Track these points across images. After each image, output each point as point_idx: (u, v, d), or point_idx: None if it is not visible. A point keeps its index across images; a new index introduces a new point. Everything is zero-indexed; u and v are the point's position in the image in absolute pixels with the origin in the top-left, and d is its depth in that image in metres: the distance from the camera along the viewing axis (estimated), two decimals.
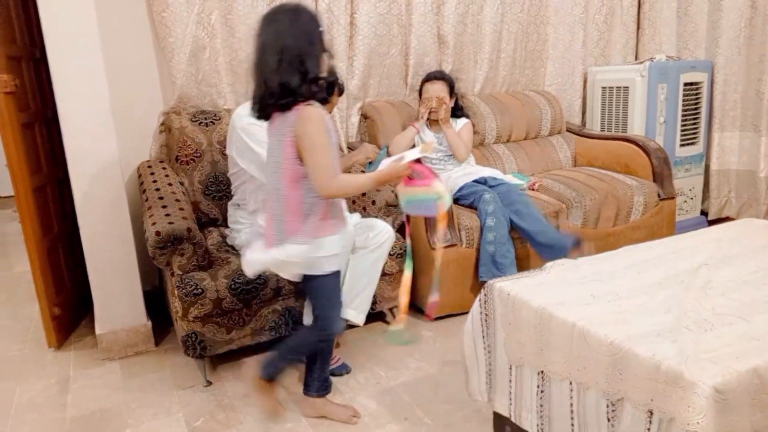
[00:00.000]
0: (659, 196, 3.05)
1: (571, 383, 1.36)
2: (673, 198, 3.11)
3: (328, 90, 1.60)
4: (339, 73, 2.34)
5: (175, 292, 1.99)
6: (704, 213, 3.70)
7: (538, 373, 1.46)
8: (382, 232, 2.19)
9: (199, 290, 1.99)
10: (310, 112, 1.55)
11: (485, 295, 1.61)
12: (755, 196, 3.43)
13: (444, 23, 3.12)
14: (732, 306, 1.36)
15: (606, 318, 1.33)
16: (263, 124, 2.09)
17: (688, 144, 3.49)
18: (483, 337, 1.64)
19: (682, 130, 3.44)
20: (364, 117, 3.03)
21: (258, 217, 2.22)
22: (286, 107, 1.55)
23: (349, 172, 2.34)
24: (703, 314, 1.32)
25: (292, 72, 1.51)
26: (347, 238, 2.02)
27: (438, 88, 2.77)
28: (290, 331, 2.21)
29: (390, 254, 2.27)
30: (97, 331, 2.32)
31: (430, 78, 2.84)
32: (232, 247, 2.35)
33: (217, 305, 2.02)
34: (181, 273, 2.01)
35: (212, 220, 2.54)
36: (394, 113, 2.97)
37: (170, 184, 2.31)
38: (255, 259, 1.71)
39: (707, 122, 3.56)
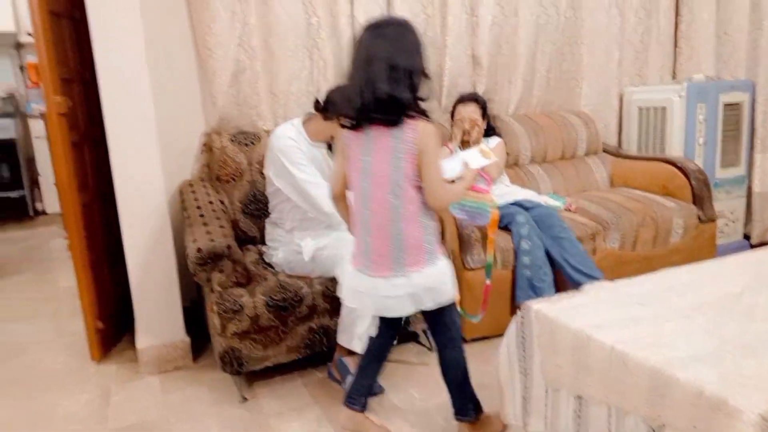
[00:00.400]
0: (699, 218, 2.98)
1: (609, 408, 1.34)
2: (713, 221, 3.04)
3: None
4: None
5: (214, 308, 2.03)
6: (747, 237, 3.60)
7: (576, 397, 1.45)
8: None
9: (238, 306, 2.03)
10: (429, 127, 1.55)
11: (522, 317, 1.60)
12: None
13: (479, 45, 3.15)
14: None
15: (646, 341, 1.31)
16: (301, 145, 2.14)
17: (729, 165, 3.42)
18: (519, 359, 1.63)
19: (723, 152, 3.38)
20: None
21: (294, 236, 2.27)
22: (394, 122, 1.53)
23: None
24: (746, 339, 1.29)
25: (403, 86, 1.49)
26: None
27: (471, 110, 2.78)
28: (324, 349, 2.23)
29: None
30: (138, 345, 2.38)
31: (462, 100, 2.85)
32: (269, 265, 2.39)
33: (254, 322, 2.06)
34: (220, 289, 2.06)
35: (251, 238, 2.59)
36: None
37: (211, 203, 2.38)
38: (397, 295, 1.61)
39: (749, 143, 3.49)
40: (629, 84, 3.61)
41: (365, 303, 1.68)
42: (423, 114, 1.55)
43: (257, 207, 2.60)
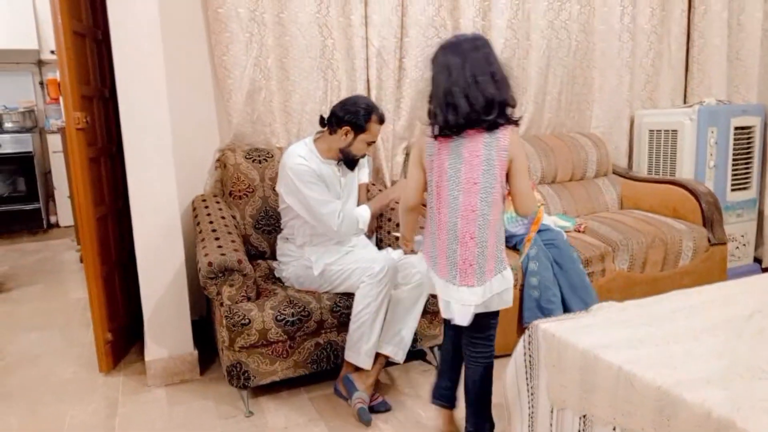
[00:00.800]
0: (709, 241, 2.97)
1: (614, 429, 1.34)
2: (724, 243, 3.03)
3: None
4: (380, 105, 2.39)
5: (224, 321, 2.05)
6: (758, 260, 3.57)
7: (581, 418, 1.44)
8: (417, 274, 2.20)
9: (246, 320, 2.04)
10: (517, 134, 1.64)
11: (530, 336, 1.60)
12: None
13: None
14: None
15: (653, 362, 1.31)
16: (311, 164, 2.18)
17: (740, 189, 3.41)
18: (526, 378, 1.63)
19: (734, 175, 3.37)
20: (408, 156, 3.10)
21: (305, 251, 2.29)
22: (497, 125, 1.60)
23: (385, 209, 2.42)
24: (756, 362, 1.28)
25: (504, 91, 1.60)
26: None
27: None
28: (331, 365, 2.24)
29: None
30: (147, 357, 2.40)
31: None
32: (279, 279, 2.41)
33: (262, 336, 2.07)
34: (230, 303, 2.08)
35: (261, 253, 2.62)
36: None
37: (223, 218, 2.41)
38: (476, 304, 1.65)
39: (760, 167, 3.48)
40: (640, 107, 3.63)
41: (452, 313, 1.67)
42: (514, 121, 1.64)
43: (268, 223, 2.63)
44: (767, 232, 3.52)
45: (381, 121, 2.23)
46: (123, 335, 2.67)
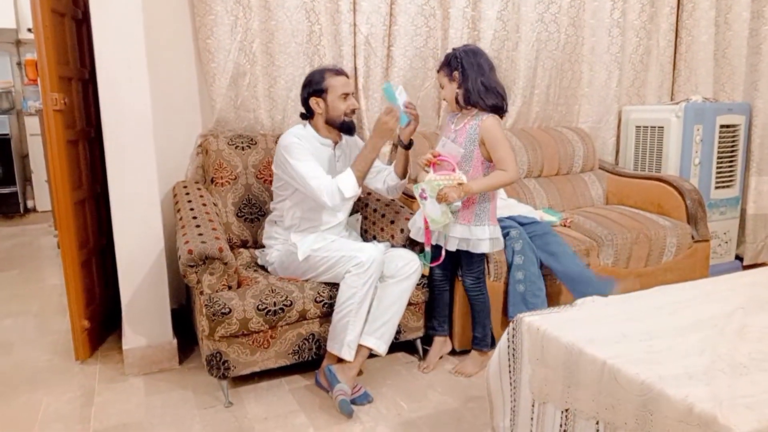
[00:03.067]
0: (693, 238, 2.99)
1: (597, 423, 1.33)
2: (707, 241, 3.05)
3: None
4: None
5: (203, 310, 2.01)
6: (739, 258, 3.61)
7: (563, 412, 1.43)
8: (411, 262, 2.20)
9: (227, 309, 2.01)
10: None
11: (513, 329, 1.59)
12: None
13: None
14: (766, 352, 1.31)
15: (637, 357, 1.30)
16: (304, 143, 2.26)
17: (723, 187, 3.43)
18: (509, 371, 1.62)
19: (718, 173, 3.39)
20: (395, 146, 3.06)
21: (291, 235, 2.26)
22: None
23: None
24: (738, 358, 1.28)
25: None
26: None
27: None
28: (312, 357, 2.21)
29: (417, 285, 2.26)
30: (124, 346, 2.35)
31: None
32: (262, 267, 2.38)
33: (243, 325, 2.04)
34: (210, 292, 2.04)
35: (243, 242, 2.58)
36: (426, 144, 2.99)
37: (204, 205, 2.36)
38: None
39: (744, 165, 3.50)
40: (628, 103, 3.63)
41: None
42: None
43: (251, 211, 2.59)
44: (749, 230, 3.55)
45: (337, 73, 2.26)
46: (100, 323, 2.62)
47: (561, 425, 1.43)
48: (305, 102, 2.28)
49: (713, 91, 3.61)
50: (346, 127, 2.28)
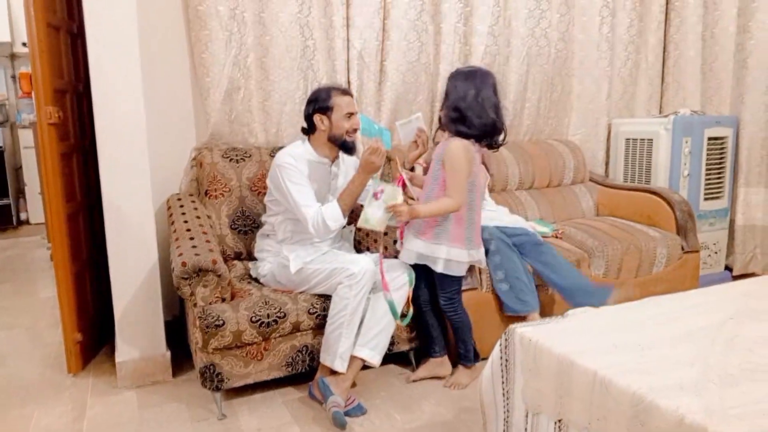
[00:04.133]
0: (683, 249, 3.02)
1: None
2: (697, 251, 3.08)
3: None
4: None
5: (197, 322, 2.01)
6: (729, 268, 3.64)
7: (555, 423, 1.44)
8: (404, 273, 2.21)
9: (221, 322, 2.01)
10: None
11: (506, 340, 1.60)
12: None
13: None
14: (758, 362, 1.33)
15: (628, 368, 1.31)
16: (299, 165, 2.30)
17: (712, 198, 3.48)
18: (502, 382, 1.63)
19: (707, 184, 3.43)
20: (388, 159, 3.08)
21: (284, 248, 2.27)
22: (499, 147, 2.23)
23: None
24: (729, 369, 1.30)
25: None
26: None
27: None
28: (306, 369, 2.21)
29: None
30: (117, 358, 2.35)
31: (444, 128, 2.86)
32: (256, 279, 2.38)
33: (237, 338, 2.04)
34: (203, 304, 2.04)
35: (237, 254, 2.58)
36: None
37: (198, 217, 2.37)
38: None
39: (732, 177, 3.55)
40: (617, 116, 3.68)
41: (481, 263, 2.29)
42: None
43: (245, 223, 2.59)
44: (738, 241, 3.59)
45: (344, 92, 2.31)
46: (93, 335, 2.61)
47: None
48: (309, 117, 2.30)
49: (701, 104, 3.67)
50: (347, 146, 2.31)
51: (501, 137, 2.18)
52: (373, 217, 2.05)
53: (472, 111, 2.07)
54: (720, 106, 3.61)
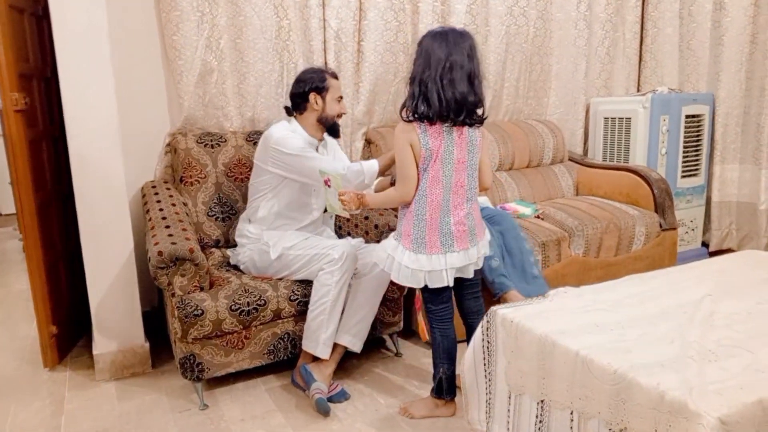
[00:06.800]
0: (661, 226, 3.05)
1: (572, 412, 1.35)
2: (674, 229, 3.11)
3: None
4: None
5: (175, 312, 1.98)
6: (705, 244, 3.69)
7: (538, 403, 1.45)
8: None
9: (199, 311, 1.98)
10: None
11: (488, 322, 1.60)
12: (756, 228, 3.43)
13: None
14: (736, 338, 1.35)
15: (609, 347, 1.32)
16: (299, 138, 2.20)
17: (689, 175, 3.50)
18: (484, 364, 1.63)
19: (684, 162, 3.46)
20: (368, 142, 3.06)
21: (264, 233, 2.24)
22: (479, 122, 1.82)
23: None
24: (707, 345, 1.31)
25: (478, 93, 1.77)
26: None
27: None
28: (288, 356, 2.20)
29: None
30: (95, 351, 2.30)
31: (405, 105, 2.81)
32: (235, 267, 2.35)
33: (216, 327, 2.01)
34: (181, 294, 2.00)
35: (214, 241, 2.54)
36: None
37: (174, 205, 2.32)
38: (472, 259, 1.87)
39: (708, 154, 3.58)
40: (596, 95, 3.67)
41: (446, 276, 1.84)
42: (481, 121, 1.84)
43: (222, 210, 2.55)
44: (714, 217, 3.63)
45: (334, 76, 2.30)
46: (69, 328, 2.55)
47: (537, 416, 1.45)
48: (302, 96, 2.25)
49: (678, 81, 3.68)
50: (334, 129, 2.31)
51: (479, 112, 1.80)
52: (335, 203, 2.00)
53: (434, 83, 1.70)
54: (697, 83, 3.62)
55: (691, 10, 3.59)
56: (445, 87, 1.70)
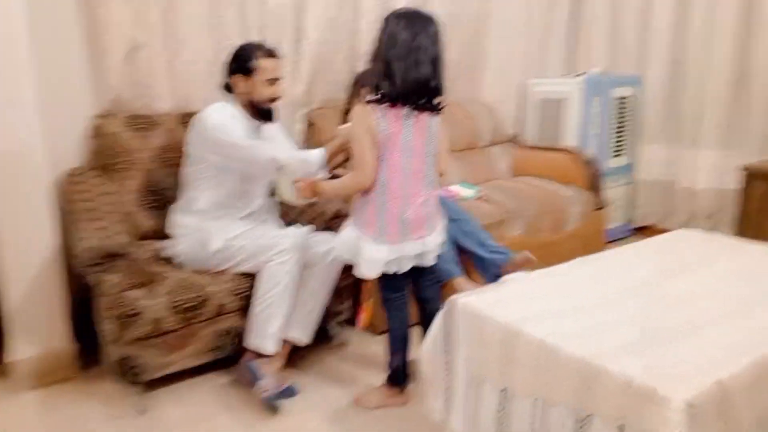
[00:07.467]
0: (594, 205, 3.15)
1: (534, 400, 1.35)
2: (604, 208, 3.23)
3: None
4: None
5: (109, 313, 1.82)
6: (629, 222, 3.86)
7: (500, 391, 1.44)
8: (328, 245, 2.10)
9: (137, 310, 1.83)
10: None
11: (448, 311, 1.57)
12: (676, 206, 3.62)
13: None
14: (687, 319, 1.39)
15: (573, 333, 1.32)
16: (237, 122, 2.05)
17: (617, 156, 3.64)
18: (444, 353, 1.60)
19: (613, 142, 3.59)
20: (310, 124, 2.95)
21: (204, 224, 2.10)
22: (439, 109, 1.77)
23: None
24: (663, 328, 1.34)
25: (439, 79, 1.73)
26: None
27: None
28: (231, 352, 2.09)
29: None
30: (12, 357, 2.09)
31: (366, 83, 2.73)
32: (170, 260, 2.20)
33: (156, 326, 1.88)
34: (115, 292, 1.85)
35: (147, 233, 2.36)
36: (340, 120, 2.90)
37: (102, 195, 2.14)
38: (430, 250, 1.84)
39: (635, 135, 3.73)
40: (531, 76, 3.73)
41: (404, 265, 1.82)
42: (438, 110, 1.80)
43: (155, 199, 2.37)
44: (639, 195, 3.80)
45: (270, 54, 2.10)
46: None
47: (498, 404, 1.44)
48: (229, 74, 2.11)
49: (608, 64, 3.79)
50: (266, 114, 2.14)
51: (439, 99, 1.77)
52: (286, 190, 1.92)
53: (400, 62, 1.66)
54: (626, 66, 3.74)
55: None
56: (410, 67, 1.66)
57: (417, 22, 1.70)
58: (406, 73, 1.66)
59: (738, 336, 1.30)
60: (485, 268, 2.40)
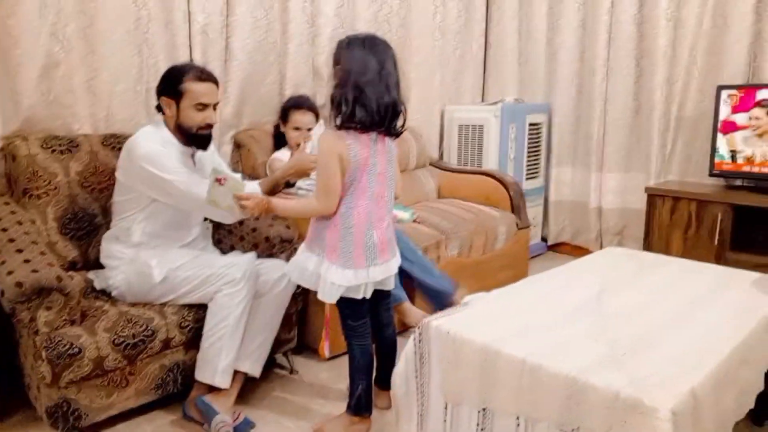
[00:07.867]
0: (517, 225, 3.32)
1: (518, 418, 1.39)
2: (528, 227, 3.41)
3: None
4: None
5: (43, 354, 1.64)
6: (544, 239, 4.11)
7: (479, 411, 1.47)
8: (285, 275, 2.02)
9: (76, 349, 1.67)
10: None
11: (420, 334, 1.58)
12: (586, 224, 3.90)
13: (318, 54, 3.09)
14: (643, 330, 1.49)
15: (550, 350, 1.38)
16: (170, 151, 1.90)
17: (532, 178, 3.87)
18: (416, 377, 1.61)
19: (528, 166, 3.81)
20: (237, 146, 2.86)
21: (141, 254, 1.96)
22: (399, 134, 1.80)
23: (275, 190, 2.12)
24: (626, 341, 1.43)
25: (401, 102, 1.74)
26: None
27: (308, 120, 2.67)
28: (178, 388, 1.96)
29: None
30: None
31: (301, 106, 2.70)
32: (103, 292, 2.03)
33: (98, 365, 1.72)
34: (48, 330, 1.67)
35: (71, 264, 2.16)
36: (270, 142, 2.85)
37: (20, 223, 1.93)
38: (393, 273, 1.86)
39: (546, 158, 3.99)
40: (449, 102, 3.88)
41: (369, 290, 1.80)
42: (399, 134, 1.83)
43: (79, 226, 2.18)
44: (551, 215, 4.05)
45: (201, 78, 1.95)
46: None
47: (478, 424, 1.47)
48: (157, 96, 2.00)
49: (519, 92, 4.04)
50: (197, 141, 2.01)
51: (401, 122, 1.78)
52: (224, 201, 1.78)
53: (372, 89, 1.66)
54: (535, 95, 4.01)
55: (529, 27, 3.96)
56: (382, 93, 1.67)
57: (379, 47, 1.72)
58: (379, 98, 1.67)
59: (694, 343, 1.42)
60: (433, 296, 2.43)
